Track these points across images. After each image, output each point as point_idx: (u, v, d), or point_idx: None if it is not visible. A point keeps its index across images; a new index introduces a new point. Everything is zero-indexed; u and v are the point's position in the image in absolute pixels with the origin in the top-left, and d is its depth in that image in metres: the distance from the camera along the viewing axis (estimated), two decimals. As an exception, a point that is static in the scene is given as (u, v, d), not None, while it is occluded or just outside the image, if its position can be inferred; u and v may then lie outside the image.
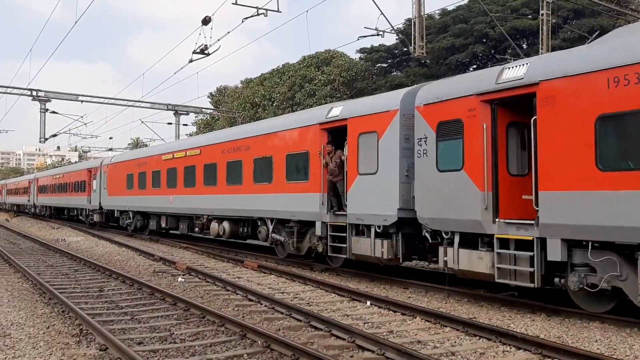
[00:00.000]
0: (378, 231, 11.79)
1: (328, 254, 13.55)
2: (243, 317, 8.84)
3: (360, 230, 12.48)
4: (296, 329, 8.22)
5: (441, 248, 10.39)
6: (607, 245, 8.02)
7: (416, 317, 8.96)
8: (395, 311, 9.46)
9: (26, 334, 7.93)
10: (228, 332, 7.97)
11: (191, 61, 22.50)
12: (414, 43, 19.90)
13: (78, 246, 21.96)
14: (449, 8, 36.20)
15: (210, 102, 60.36)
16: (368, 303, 10.13)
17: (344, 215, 12.80)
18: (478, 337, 7.74)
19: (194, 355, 6.90)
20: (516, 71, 9.28)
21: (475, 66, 35.15)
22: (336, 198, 13.47)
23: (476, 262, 9.64)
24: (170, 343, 7.45)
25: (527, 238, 8.85)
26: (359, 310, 9.72)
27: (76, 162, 66.46)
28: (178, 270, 14.60)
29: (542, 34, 22.45)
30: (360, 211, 12.28)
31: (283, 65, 49.02)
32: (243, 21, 19.35)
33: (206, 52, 21.34)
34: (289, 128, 15.08)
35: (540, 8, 22.89)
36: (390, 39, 44.65)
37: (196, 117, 59.82)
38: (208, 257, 17.88)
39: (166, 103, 39.17)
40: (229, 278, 12.94)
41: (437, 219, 10.41)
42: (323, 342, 7.45)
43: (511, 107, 9.75)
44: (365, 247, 12.15)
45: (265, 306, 9.87)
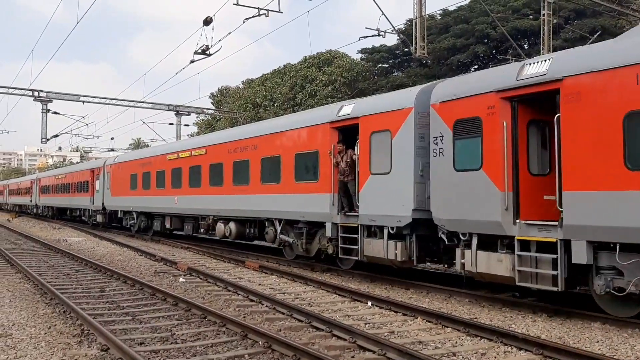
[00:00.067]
0: (391, 232, 11.50)
1: (338, 256, 13.27)
2: (244, 318, 8.85)
3: (372, 231, 12.20)
4: (297, 330, 8.23)
5: (458, 250, 10.10)
6: (636, 247, 7.72)
7: (417, 318, 8.96)
8: (396, 311, 9.46)
9: (27, 334, 7.94)
10: (229, 333, 7.98)
11: (192, 62, 22.50)
12: (415, 43, 19.89)
13: (79, 246, 21.99)
14: (450, 8, 36.34)
15: (211, 103, 60.45)
16: (369, 303, 10.12)
17: (355, 216, 12.53)
18: (479, 338, 7.74)
19: (195, 355, 6.90)
20: (538, 67, 8.93)
21: (476, 67, 35.16)
22: (347, 198, 13.14)
23: (495, 265, 9.33)
24: (171, 343, 7.45)
25: (550, 240, 8.55)
26: (360, 310, 9.72)
27: (78, 163, 66.52)
28: (179, 270, 14.61)
29: (544, 35, 22.43)
30: (372, 212, 11.99)
31: (284, 65, 49.11)
32: (244, 22, 19.35)
33: (207, 53, 21.36)
34: (298, 127, 14.78)
35: (541, 8, 22.88)
36: (391, 40, 44.80)
37: (197, 118, 60.03)
38: (209, 258, 17.89)
39: (167, 103, 39.14)
40: (230, 278, 12.94)
41: (454, 220, 10.10)
42: (324, 343, 7.45)
43: (532, 105, 9.45)
44: (377, 249, 11.85)
45: (266, 307, 9.88)
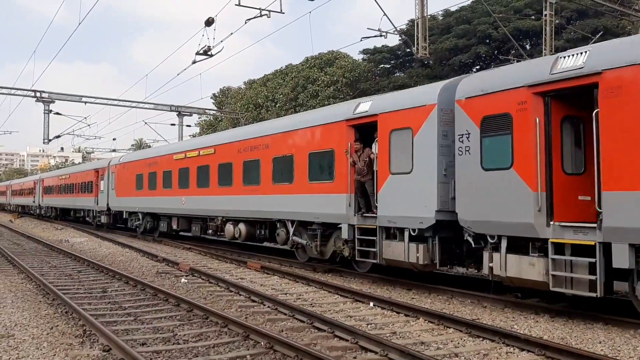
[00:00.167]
0: (412, 234, 11.09)
1: (355, 259, 12.82)
2: (246, 318, 8.85)
3: (391, 233, 11.76)
4: (299, 330, 8.22)
5: (486, 253, 9.64)
6: None
7: (419, 318, 8.94)
8: (398, 312, 9.45)
9: (30, 335, 7.95)
10: (231, 333, 7.98)
11: (194, 62, 22.51)
12: (417, 44, 19.89)
13: (82, 247, 22.03)
14: (452, 9, 36.21)
15: (213, 103, 60.49)
16: (371, 304, 10.12)
17: (374, 217, 12.07)
18: (481, 338, 7.73)
19: (197, 356, 6.91)
20: (574, 60, 8.49)
21: (478, 67, 35.12)
22: (364, 199, 12.59)
23: (527, 269, 8.86)
24: (173, 344, 7.46)
25: (589, 243, 8.09)
26: (362, 311, 9.71)
27: (80, 163, 66.63)
28: (181, 271, 14.62)
29: (546, 35, 22.42)
30: (392, 213, 11.53)
31: (286, 66, 49.14)
32: (246, 22, 19.36)
33: (209, 54, 21.38)
34: (312, 125, 14.29)
35: (543, 9, 22.90)
36: (393, 40, 44.91)
37: (199, 118, 60.03)
38: (211, 258, 17.90)
39: (169, 104, 39.12)
40: (232, 279, 12.94)
41: (482, 222, 9.64)
42: (326, 343, 7.45)
43: (566, 100, 9.01)
44: (398, 252, 11.38)
45: (268, 307, 9.87)
